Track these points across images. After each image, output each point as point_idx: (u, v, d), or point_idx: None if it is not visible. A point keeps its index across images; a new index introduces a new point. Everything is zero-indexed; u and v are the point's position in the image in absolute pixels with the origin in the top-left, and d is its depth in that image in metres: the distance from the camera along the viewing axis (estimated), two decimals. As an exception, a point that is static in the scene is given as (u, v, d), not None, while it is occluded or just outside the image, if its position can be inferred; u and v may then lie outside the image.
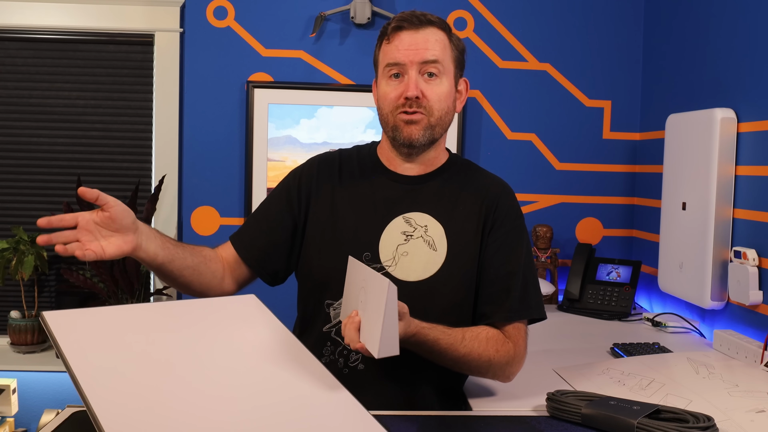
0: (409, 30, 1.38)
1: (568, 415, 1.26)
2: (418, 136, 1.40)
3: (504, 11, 2.66)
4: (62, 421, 1.18)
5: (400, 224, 1.42)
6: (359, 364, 1.40)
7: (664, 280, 2.27)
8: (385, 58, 1.41)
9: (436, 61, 1.38)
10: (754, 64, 1.94)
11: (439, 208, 1.44)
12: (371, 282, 1.13)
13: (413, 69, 1.38)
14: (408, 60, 1.37)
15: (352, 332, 1.15)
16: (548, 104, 2.68)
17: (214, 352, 1.12)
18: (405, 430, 1.20)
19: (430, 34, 1.39)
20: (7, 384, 2.34)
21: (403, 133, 1.40)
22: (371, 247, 1.41)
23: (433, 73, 1.39)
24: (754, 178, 1.91)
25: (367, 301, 1.14)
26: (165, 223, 2.63)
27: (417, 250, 1.41)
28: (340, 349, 1.41)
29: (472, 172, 1.52)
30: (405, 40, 1.38)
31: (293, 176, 1.53)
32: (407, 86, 1.37)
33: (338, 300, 1.40)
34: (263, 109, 2.61)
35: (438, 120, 1.41)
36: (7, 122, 2.63)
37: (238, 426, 0.97)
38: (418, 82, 1.38)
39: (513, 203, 1.49)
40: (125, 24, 2.58)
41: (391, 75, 1.40)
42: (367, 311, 1.13)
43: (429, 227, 1.42)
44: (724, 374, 1.60)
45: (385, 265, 1.40)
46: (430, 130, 1.40)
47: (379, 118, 1.46)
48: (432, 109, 1.39)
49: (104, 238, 1.22)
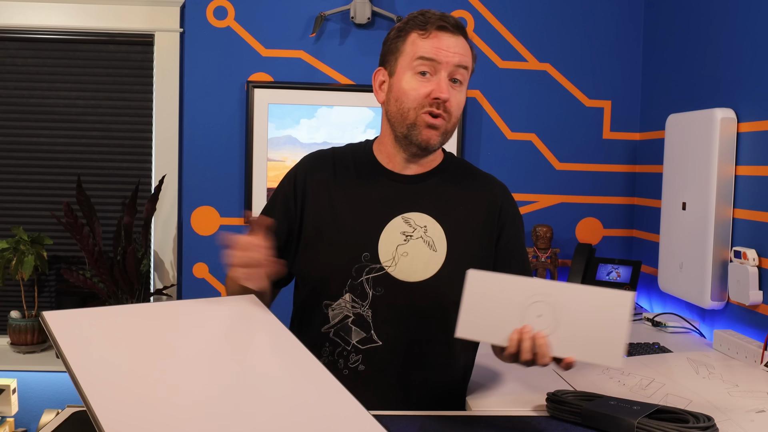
0: (449, 32, 1.37)
1: (568, 415, 1.26)
2: (436, 141, 1.40)
3: (504, 11, 2.66)
4: (62, 421, 1.18)
5: (400, 224, 1.42)
6: (359, 365, 1.39)
7: (664, 280, 2.27)
8: (419, 51, 1.37)
9: (467, 68, 1.39)
10: (754, 64, 1.94)
11: (438, 209, 1.43)
12: (582, 297, 1.15)
13: (446, 71, 1.36)
14: (446, 60, 1.36)
15: (545, 348, 1.14)
16: (548, 104, 2.68)
17: (213, 351, 1.12)
18: (405, 430, 1.20)
19: (463, 43, 1.39)
20: (7, 384, 2.34)
21: (422, 135, 1.39)
22: (370, 248, 1.40)
23: (458, 79, 1.38)
24: (754, 178, 1.91)
25: (562, 314, 1.14)
26: (165, 223, 2.63)
27: (417, 250, 1.40)
28: (340, 350, 1.40)
29: (468, 171, 1.53)
30: (444, 40, 1.37)
31: (288, 181, 1.50)
32: (440, 87, 1.36)
33: (336, 301, 1.40)
34: (263, 109, 2.61)
35: (452, 126, 1.41)
36: (7, 122, 2.63)
37: (238, 425, 0.97)
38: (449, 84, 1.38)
39: (513, 202, 1.53)
40: (125, 24, 2.58)
41: (419, 71, 1.37)
42: (566, 325, 1.14)
43: (428, 228, 1.42)
44: (724, 374, 1.60)
45: (384, 266, 1.39)
46: (445, 135, 1.41)
47: (389, 112, 1.42)
48: (452, 116, 1.39)
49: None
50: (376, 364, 1.39)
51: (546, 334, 1.14)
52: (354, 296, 1.39)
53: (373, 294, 1.39)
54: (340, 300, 1.40)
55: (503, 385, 1.54)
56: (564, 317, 1.14)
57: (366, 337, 1.39)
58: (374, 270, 1.39)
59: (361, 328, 1.39)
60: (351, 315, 1.40)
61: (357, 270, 1.40)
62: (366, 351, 1.39)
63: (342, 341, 1.40)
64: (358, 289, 1.39)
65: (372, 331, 1.39)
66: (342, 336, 1.40)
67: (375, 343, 1.39)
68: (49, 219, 2.60)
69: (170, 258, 2.64)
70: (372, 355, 1.39)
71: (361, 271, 1.39)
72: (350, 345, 1.39)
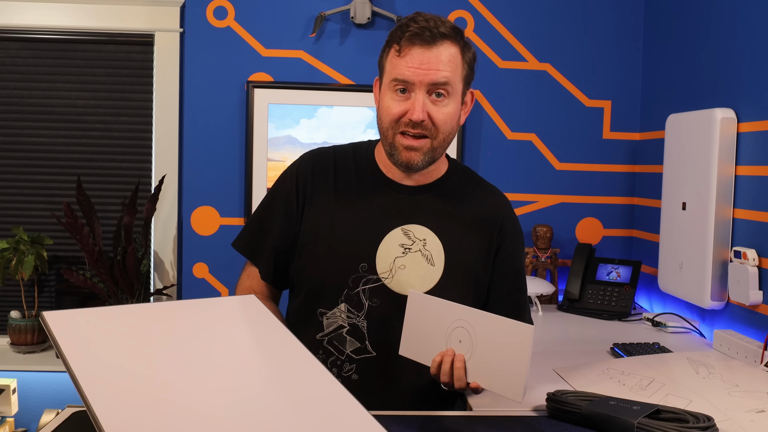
0: (421, 47, 1.30)
1: (568, 415, 1.26)
2: (417, 161, 1.35)
3: (504, 11, 2.66)
4: (62, 421, 1.18)
5: (399, 236, 1.40)
6: (353, 374, 1.39)
7: (664, 280, 2.27)
8: (393, 72, 1.33)
9: (446, 83, 1.32)
10: (754, 64, 1.94)
11: (438, 223, 1.41)
12: (490, 326, 1.17)
13: (421, 90, 1.31)
14: (417, 80, 1.30)
15: (461, 372, 1.18)
16: (548, 104, 2.68)
17: (214, 352, 1.12)
18: (405, 430, 1.20)
19: (443, 52, 1.31)
20: (7, 384, 2.34)
21: (401, 157, 1.35)
22: (368, 258, 1.38)
23: (442, 93, 1.33)
24: (754, 178, 1.91)
25: (476, 341, 1.18)
26: (165, 223, 2.63)
27: (414, 264, 1.39)
28: (333, 359, 1.39)
29: (472, 184, 1.50)
30: (416, 57, 1.30)
31: (289, 179, 1.47)
32: (413, 108, 1.31)
33: (332, 310, 1.39)
34: (263, 109, 2.61)
35: (441, 142, 1.36)
36: (7, 122, 2.63)
37: (238, 426, 0.97)
38: (425, 104, 1.31)
39: (515, 219, 1.50)
40: (125, 24, 2.58)
41: (397, 90, 1.33)
42: (479, 352, 1.18)
43: (428, 241, 1.40)
44: (724, 374, 1.60)
45: (381, 277, 1.38)
46: (431, 153, 1.36)
47: (377, 124, 1.41)
48: (437, 132, 1.34)
49: None
50: (370, 374, 1.38)
51: (465, 359, 1.19)
52: (350, 306, 1.38)
53: (369, 305, 1.37)
54: (336, 309, 1.39)
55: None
56: (478, 344, 1.19)
57: (360, 348, 1.38)
58: (371, 281, 1.38)
59: (355, 339, 1.39)
60: (346, 325, 1.38)
61: (354, 280, 1.38)
62: (360, 361, 1.38)
63: (336, 350, 1.39)
64: (354, 300, 1.38)
65: (366, 342, 1.38)
66: (336, 345, 1.39)
67: (369, 353, 1.38)
68: (49, 219, 2.60)
69: (170, 258, 2.64)
70: (366, 366, 1.38)
71: (358, 281, 1.38)
72: (344, 354, 1.39)
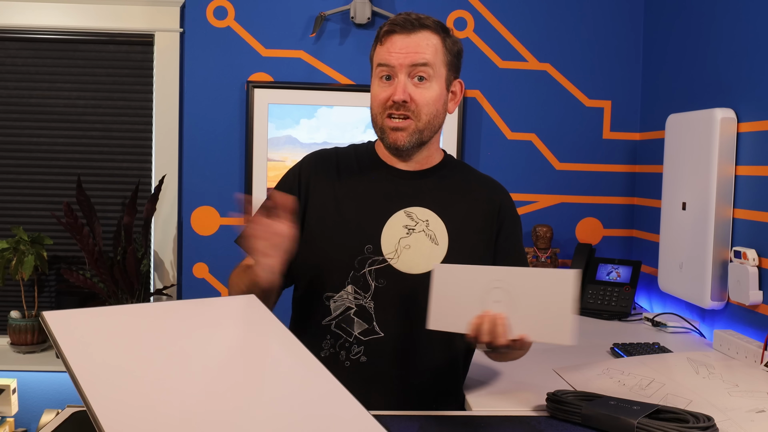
0: (401, 34, 1.40)
1: (568, 415, 1.26)
2: (404, 141, 1.42)
3: (504, 11, 2.65)
4: (62, 421, 1.18)
5: (402, 218, 1.44)
6: (361, 356, 1.41)
7: (664, 280, 2.27)
8: (377, 58, 1.44)
9: (426, 64, 1.40)
10: (754, 64, 1.94)
11: (440, 204, 1.46)
12: (531, 279, 1.20)
13: (402, 72, 1.39)
14: (398, 63, 1.39)
15: (504, 328, 1.18)
16: (548, 104, 2.68)
17: (214, 351, 1.12)
18: (405, 430, 1.20)
19: (423, 38, 1.40)
20: (7, 384, 2.34)
21: (389, 138, 1.43)
22: (373, 240, 1.43)
23: (423, 76, 1.40)
24: (754, 178, 1.91)
25: (517, 297, 1.19)
26: (165, 223, 2.63)
27: (419, 243, 1.43)
28: (341, 342, 1.42)
29: (467, 171, 1.57)
30: (396, 43, 1.40)
31: (292, 177, 1.52)
32: (395, 89, 1.39)
33: (338, 292, 1.42)
34: (263, 109, 2.61)
35: (426, 124, 1.43)
36: (7, 122, 2.63)
37: (238, 426, 0.97)
38: (406, 86, 1.40)
39: (512, 202, 1.56)
40: (125, 24, 2.58)
41: (382, 77, 1.42)
42: (522, 307, 1.19)
43: (430, 222, 1.45)
44: (724, 374, 1.60)
45: (387, 258, 1.41)
46: (417, 134, 1.43)
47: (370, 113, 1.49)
48: (420, 114, 1.41)
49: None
50: (378, 355, 1.41)
51: (504, 317, 1.18)
52: (356, 288, 1.41)
53: (376, 286, 1.41)
54: (342, 292, 1.42)
55: (503, 385, 1.54)
56: (518, 300, 1.19)
57: (368, 329, 1.41)
58: (377, 262, 1.42)
59: (363, 320, 1.42)
60: (353, 306, 1.42)
61: (360, 262, 1.42)
62: (368, 342, 1.41)
63: (344, 333, 1.42)
64: (360, 281, 1.41)
65: (374, 323, 1.41)
66: (344, 327, 1.42)
67: (377, 334, 1.41)
68: (49, 219, 2.60)
69: (170, 258, 2.64)
70: (374, 347, 1.41)
71: (363, 263, 1.42)
72: (352, 336, 1.41)
